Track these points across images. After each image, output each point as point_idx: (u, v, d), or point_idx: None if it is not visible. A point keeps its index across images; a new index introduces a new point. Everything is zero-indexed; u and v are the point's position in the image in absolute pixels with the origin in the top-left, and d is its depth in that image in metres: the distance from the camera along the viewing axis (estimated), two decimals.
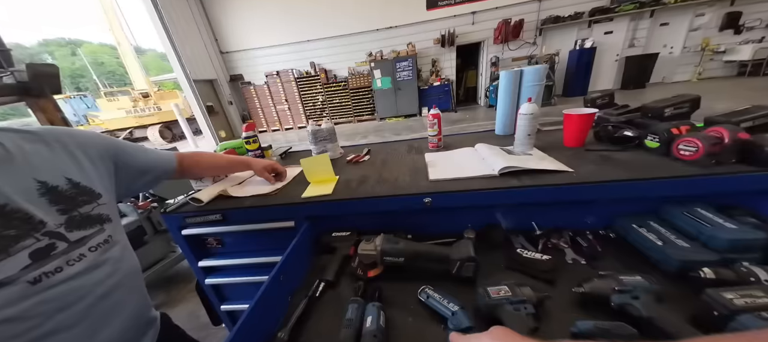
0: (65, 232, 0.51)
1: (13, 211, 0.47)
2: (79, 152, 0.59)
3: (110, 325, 0.55)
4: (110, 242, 0.57)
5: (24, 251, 0.46)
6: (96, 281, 0.53)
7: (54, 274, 0.48)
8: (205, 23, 7.49)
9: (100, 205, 0.57)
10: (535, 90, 1.03)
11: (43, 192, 0.51)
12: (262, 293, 0.59)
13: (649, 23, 6.66)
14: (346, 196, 0.86)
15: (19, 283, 0.45)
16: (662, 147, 0.73)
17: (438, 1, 6.95)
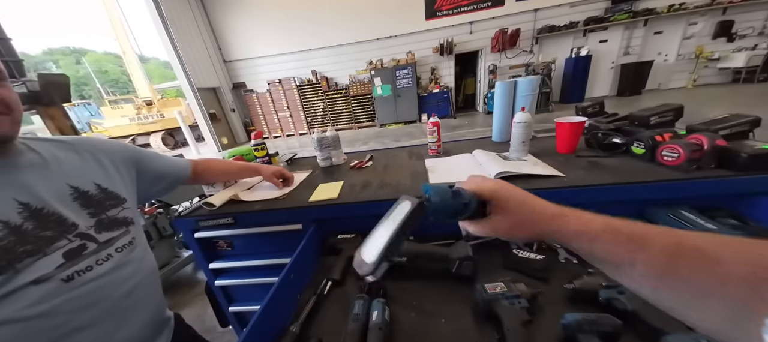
0: (95, 234, 0.55)
1: (49, 214, 0.51)
2: (106, 160, 0.64)
3: (131, 322, 0.58)
4: (133, 243, 0.61)
5: (58, 251, 0.50)
6: (121, 280, 0.57)
7: (85, 272, 0.51)
8: (209, 33, 7.66)
9: (125, 209, 0.62)
10: (528, 100, 1.09)
11: (75, 196, 0.55)
12: (275, 290, 0.63)
13: (643, 32, 6.81)
14: (351, 199, 0.90)
15: (53, 280, 0.48)
16: (647, 153, 0.78)
17: (436, 12, 7.13)
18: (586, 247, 0.31)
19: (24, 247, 0.46)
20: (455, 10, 7.06)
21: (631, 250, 0.27)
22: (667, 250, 0.25)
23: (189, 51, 6.84)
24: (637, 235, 0.27)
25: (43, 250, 0.48)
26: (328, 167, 1.30)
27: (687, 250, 0.24)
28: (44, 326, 0.46)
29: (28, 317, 0.45)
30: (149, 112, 10.12)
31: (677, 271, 0.24)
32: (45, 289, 0.47)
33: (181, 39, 6.62)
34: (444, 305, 0.65)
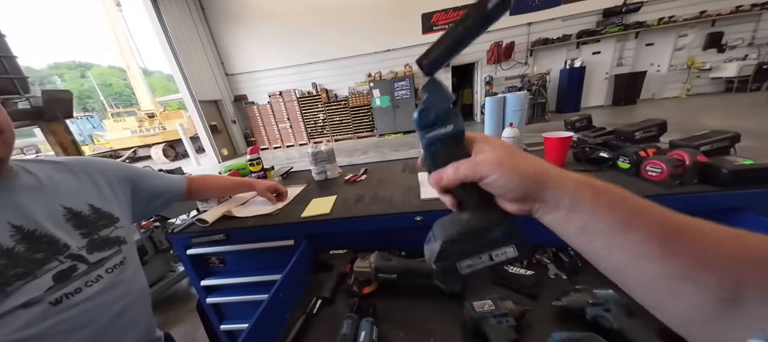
0: (86, 255, 0.55)
1: (41, 236, 0.51)
2: (102, 180, 0.65)
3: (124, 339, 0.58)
4: (125, 263, 0.61)
5: (49, 273, 0.50)
6: (111, 301, 0.57)
7: (74, 294, 0.52)
8: (212, 47, 7.84)
9: (118, 228, 0.63)
10: (517, 115, 1.11)
11: (68, 217, 0.56)
12: (263, 310, 0.63)
13: (634, 44, 6.98)
14: (343, 214, 0.91)
15: (43, 303, 0.48)
16: (633, 168, 0.80)
17: (432, 26, 7.33)
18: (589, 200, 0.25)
19: (15, 270, 0.46)
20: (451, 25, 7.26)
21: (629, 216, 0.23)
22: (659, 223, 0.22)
23: (192, 65, 6.98)
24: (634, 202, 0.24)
25: (34, 273, 0.48)
26: (323, 181, 1.31)
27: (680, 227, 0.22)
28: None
29: (17, 341, 0.45)
30: (151, 124, 10.22)
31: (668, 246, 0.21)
32: (34, 313, 0.47)
33: (184, 53, 6.78)
34: (433, 324, 0.65)
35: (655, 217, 0.23)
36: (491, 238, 0.30)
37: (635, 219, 0.23)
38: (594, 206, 0.25)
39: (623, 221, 0.23)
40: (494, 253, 0.30)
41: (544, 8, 6.93)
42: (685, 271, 0.20)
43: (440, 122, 0.29)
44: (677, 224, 0.22)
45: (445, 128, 0.29)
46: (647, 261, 0.22)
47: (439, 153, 0.30)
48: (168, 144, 9.88)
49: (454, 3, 7.07)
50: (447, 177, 0.29)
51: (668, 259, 0.21)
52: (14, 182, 0.53)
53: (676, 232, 0.22)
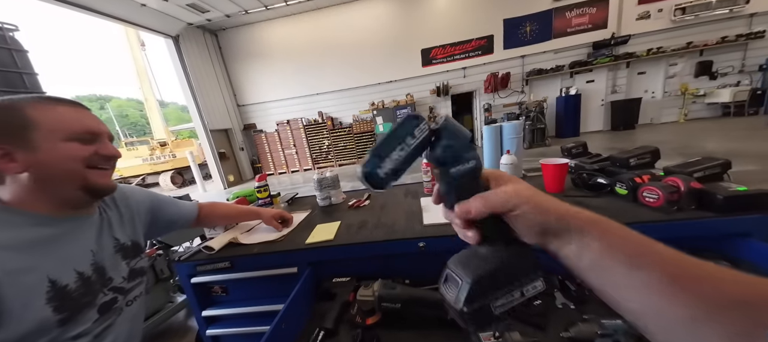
0: (126, 286, 0.59)
1: (100, 267, 0.55)
2: (135, 211, 0.69)
3: None
4: (140, 296, 0.64)
5: (98, 305, 0.53)
6: (130, 332, 0.60)
7: (109, 328, 0.54)
8: (226, 80, 8.36)
9: (142, 259, 0.66)
10: (513, 142, 1.16)
11: (118, 248, 0.60)
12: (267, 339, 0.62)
13: (626, 72, 7.28)
14: (347, 240, 0.92)
15: (89, 336, 0.51)
16: (630, 194, 0.82)
17: (432, 60, 7.78)
18: (597, 235, 0.26)
19: (86, 298, 0.50)
20: (448, 59, 7.72)
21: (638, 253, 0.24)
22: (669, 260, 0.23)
23: (206, 97, 7.40)
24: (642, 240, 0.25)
25: (93, 302, 0.52)
26: (327, 206, 1.33)
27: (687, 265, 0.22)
28: None
29: None
30: (162, 152, 10.53)
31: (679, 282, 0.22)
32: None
33: (200, 87, 7.22)
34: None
35: (663, 255, 0.24)
36: (523, 272, 0.28)
37: (643, 257, 0.24)
38: (602, 241, 0.25)
39: (631, 255, 0.24)
40: (525, 289, 0.28)
41: (536, 42, 7.37)
42: (701, 314, 0.20)
43: (464, 158, 0.29)
44: (687, 264, 0.23)
45: (468, 164, 0.29)
46: (660, 300, 0.22)
47: (463, 187, 0.30)
48: (176, 171, 10.08)
49: (451, 39, 7.57)
50: (476, 208, 0.29)
51: (683, 299, 0.21)
52: (91, 218, 0.58)
53: (687, 272, 0.22)
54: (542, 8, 7.13)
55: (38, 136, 0.48)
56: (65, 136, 0.50)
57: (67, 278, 0.49)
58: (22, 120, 0.48)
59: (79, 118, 0.53)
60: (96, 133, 0.54)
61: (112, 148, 0.56)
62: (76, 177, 0.52)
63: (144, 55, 10.81)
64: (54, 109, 0.51)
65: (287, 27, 7.90)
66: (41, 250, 0.49)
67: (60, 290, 0.47)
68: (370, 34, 7.76)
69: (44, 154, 0.48)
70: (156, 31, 6.30)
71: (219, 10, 6.47)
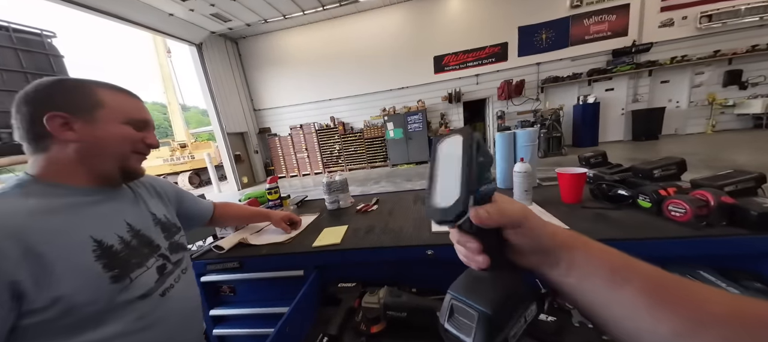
0: (170, 255, 0.65)
1: (143, 236, 0.61)
2: (163, 194, 0.77)
3: (193, 335, 0.67)
4: (188, 268, 0.72)
5: (154, 267, 0.59)
6: (189, 298, 0.68)
7: (170, 289, 0.61)
8: (245, 86, 8.69)
9: (182, 236, 0.73)
10: (527, 150, 1.12)
11: (155, 222, 0.67)
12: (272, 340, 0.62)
13: (649, 81, 6.99)
14: (354, 245, 0.91)
15: (154, 295, 0.57)
16: (654, 207, 0.77)
17: (444, 67, 7.77)
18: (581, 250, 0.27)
19: (134, 259, 0.56)
20: (461, 66, 7.68)
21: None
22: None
23: (225, 102, 7.71)
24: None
25: (145, 264, 0.58)
26: (336, 210, 1.33)
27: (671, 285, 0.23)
28: (147, 337, 0.55)
29: (136, 330, 0.53)
30: (182, 153, 10.98)
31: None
32: (149, 304, 0.56)
33: (220, 92, 7.53)
34: None
35: (646, 272, 0.24)
36: (525, 296, 0.27)
37: (626, 272, 0.24)
38: (586, 256, 0.26)
39: (614, 270, 0.25)
40: (526, 314, 0.27)
41: (552, 50, 7.22)
42: (687, 331, 0.20)
43: (488, 178, 0.29)
44: (671, 282, 0.23)
45: (491, 184, 0.29)
46: (645, 317, 0.22)
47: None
48: (194, 171, 10.47)
49: (464, 46, 7.55)
50: (490, 216, 0.28)
51: (667, 316, 0.21)
52: (123, 192, 0.65)
53: (671, 289, 0.23)
54: (559, 15, 7.00)
55: (102, 114, 0.54)
56: (124, 119, 0.57)
57: (110, 239, 0.54)
58: (91, 97, 0.54)
59: (137, 107, 0.61)
60: (146, 122, 0.62)
61: (155, 139, 0.64)
62: (121, 156, 0.58)
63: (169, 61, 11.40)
64: (119, 95, 0.58)
65: (303, 35, 8.15)
66: (82, 213, 0.52)
67: (107, 249, 0.52)
68: (383, 42, 7.87)
69: (101, 131, 0.54)
70: (181, 39, 6.65)
71: (240, 19, 6.77)
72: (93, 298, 0.47)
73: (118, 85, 0.61)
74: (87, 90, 0.55)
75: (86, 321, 0.47)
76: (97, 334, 0.48)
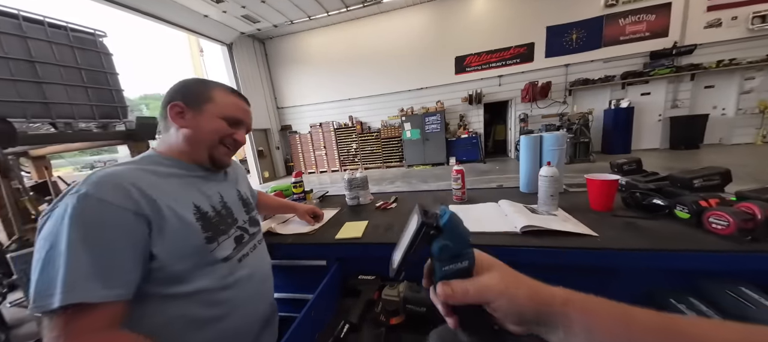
0: (248, 227, 0.74)
1: (228, 208, 0.71)
2: (241, 176, 0.88)
3: (262, 302, 0.75)
4: (262, 240, 0.81)
5: (233, 236, 0.68)
6: (262, 265, 0.77)
7: (246, 256, 0.70)
8: (269, 85, 9.07)
9: (256, 213, 0.83)
10: (554, 154, 1.09)
11: (238, 198, 0.76)
12: (295, 327, 0.66)
13: (690, 86, 6.45)
14: (374, 240, 0.94)
15: (233, 259, 0.66)
16: (693, 218, 0.73)
17: (465, 68, 7.62)
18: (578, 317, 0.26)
19: (221, 226, 0.65)
20: (484, 66, 7.50)
21: None
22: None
23: (251, 99, 8.01)
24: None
25: (227, 232, 0.67)
26: (356, 206, 1.37)
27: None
28: (231, 296, 0.64)
29: (218, 288, 0.61)
30: None
31: None
32: (228, 266, 0.64)
33: (247, 89, 7.93)
34: None
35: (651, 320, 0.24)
36: None
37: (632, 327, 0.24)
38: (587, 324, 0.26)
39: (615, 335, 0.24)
40: None
41: (582, 51, 6.86)
42: None
43: (458, 258, 0.31)
44: (677, 324, 0.23)
45: (461, 263, 0.31)
46: None
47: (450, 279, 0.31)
48: None
49: (487, 47, 7.36)
50: (455, 297, 0.30)
51: None
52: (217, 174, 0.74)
53: (679, 332, 0.23)
54: (592, 15, 6.63)
55: (209, 107, 0.64)
56: (222, 115, 0.66)
57: (206, 207, 0.64)
58: (205, 94, 0.65)
59: (237, 107, 0.69)
60: (239, 121, 0.70)
61: (243, 137, 0.71)
62: (210, 145, 0.66)
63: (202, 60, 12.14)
64: (228, 96, 0.68)
65: (326, 36, 8.34)
66: (186, 183, 0.64)
67: (203, 214, 0.62)
68: (404, 43, 7.87)
69: (202, 120, 0.64)
70: (214, 39, 7.06)
71: (268, 20, 7.06)
72: (189, 253, 0.57)
73: (233, 88, 0.71)
74: (206, 86, 0.66)
75: (176, 277, 0.56)
76: (184, 287, 0.56)
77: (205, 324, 0.59)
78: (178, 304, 0.56)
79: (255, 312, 0.71)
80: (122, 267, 0.47)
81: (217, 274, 0.61)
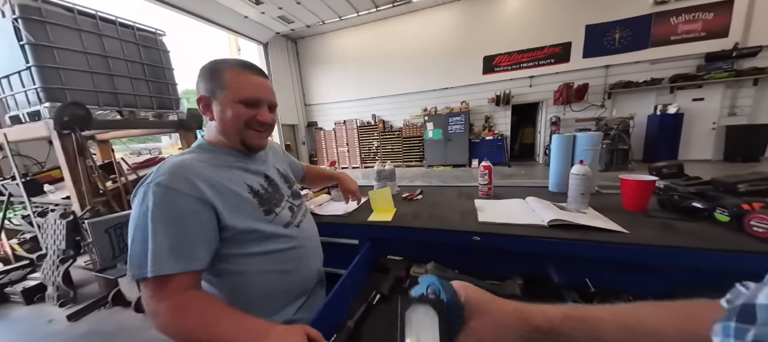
0: (292, 201, 0.81)
1: (275, 185, 0.78)
2: (281, 153, 0.96)
3: (316, 260, 0.84)
4: (307, 210, 0.89)
5: (286, 207, 0.77)
6: (314, 230, 0.86)
7: (301, 222, 0.80)
8: (299, 82, 9.50)
9: (297, 187, 0.91)
10: (588, 154, 1.08)
11: (279, 175, 0.83)
12: (337, 289, 0.75)
13: (752, 92, 5.74)
14: (403, 224, 1.01)
15: (293, 226, 0.75)
16: (733, 221, 0.71)
17: (494, 68, 7.40)
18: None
19: (273, 200, 0.73)
20: (514, 66, 7.23)
21: None
22: None
23: (282, 96, 8.57)
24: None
25: (280, 203, 0.75)
26: None
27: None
28: (296, 254, 0.74)
29: (289, 247, 0.72)
30: None
31: None
32: (292, 231, 0.74)
33: (278, 87, 8.39)
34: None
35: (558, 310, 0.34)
36: None
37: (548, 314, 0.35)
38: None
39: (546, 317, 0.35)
40: None
41: (626, 51, 6.38)
42: None
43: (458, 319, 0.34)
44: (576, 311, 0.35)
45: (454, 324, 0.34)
46: None
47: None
48: None
49: (519, 46, 7.09)
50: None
51: None
52: (258, 155, 0.80)
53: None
54: (639, 12, 6.12)
55: (224, 95, 0.65)
56: (238, 99, 0.65)
57: (256, 186, 0.71)
58: (220, 80, 0.65)
59: (252, 85, 0.67)
60: (257, 101, 0.68)
61: (266, 116, 0.70)
62: (238, 131, 0.68)
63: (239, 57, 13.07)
64: (240, 76, 0.66)
65: (354, 35, 8.54)
66: (233, 167, 0.69)
67: (256, 192, 0.69)
68: (431, 42, 7.82)
69: (223, 111, 0.66)
70: (252, 39, 7.55)
71: (302, 20, 7.40)
72: (253, 227, 0.65)
73: (243, 61, 0.69)
74: (217, 73, 0.65)
75: (250, 241, 0.66)
76: (262, 247, 0.67)
77: (278, 276, 0.70)
78: (254, 261, 0.66)
79: (313, 268, 0.81)
80: (192, 244, 0.56)
81: (286, 238, 0.71)
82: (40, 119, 2.06)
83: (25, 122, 2.15)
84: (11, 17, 1.85)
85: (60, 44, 2.00)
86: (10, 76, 2.09)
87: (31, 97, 2.05)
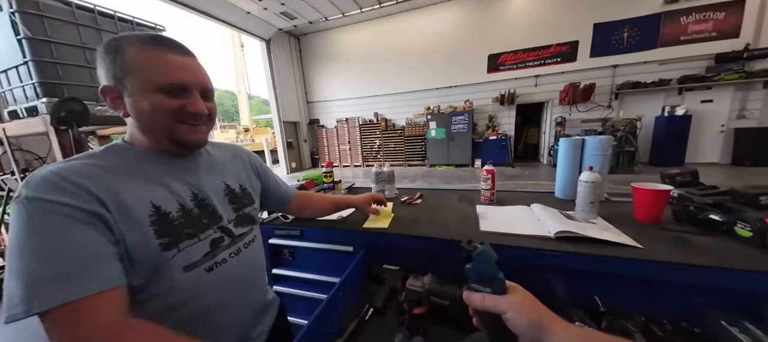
0: (232, 228, 0.61)
1: (207, 205, 0.58)
2: (249, 165, 0.75)
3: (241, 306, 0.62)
4: (254, 241, 0.67)
5: (208, 239, 0.55)
6: (244, 272, 0.62)
7: (220, 265, 0.56)
8: (301, 80, 9.47)
9: (254, 209, 0.70)
10: (598, 159, 1.03)
11: (226, 192, 0.63)
12: (329, 300, 0.71)
13: (763, 94, 5.58)
14: (400, 231, 0.97)
15: (199, 269, 0.53)
16: (756, 237, 0.65)
17: (499, 66, 7.29)
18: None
19: (187, 229, 0.52)
20: (519, 65, 7.12)
21: None
22: None
23: (284, 93, 8.56)
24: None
25: (198, 236, 0.54)
26: None
27: None
28: (187, 312, 0.52)
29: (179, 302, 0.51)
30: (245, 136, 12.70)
31: None
32: (192, 276, 0.52)
33: (281, 84, 8.37)
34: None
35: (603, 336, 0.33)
36: None
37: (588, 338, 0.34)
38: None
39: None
40: None
41: (635, 51, 6.24)
42: None
43: (484, 283, 0.42)
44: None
45: (485, 288, 0.42)
46: None
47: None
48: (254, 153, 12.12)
49: (525, 45, 6.97)
50: (474, 301, 0.42)
51: None
52: (198, 159, 0.62)
53: None
54: (649, 11, 5.97)
55: (134, 83, 0.48)
56: (154, 87, 0.48)
57: (169, 206, 0.51)
58: (123, 64, 0.48)
59: (171, 66, 0.50)
60: (182, 86, 0.51)
61: (199, 105, 0.52)
62: (164, 128, 0.51)
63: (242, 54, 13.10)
64: (154, 54, 0.49)
65: (357, 33, 8.45)
66: (151, 177, 0.52)
67: (163, 215, 0.50)
68: (435, 40, 7.72)
69: (138, 103, 0.49)
70: (255, 35, 7.51)
71: (304, 17, 7.34)
72: (142, 259, 0.47)
73: (153, 34, 0.51)
74: (120, 55, 0.48)
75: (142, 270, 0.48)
76: (139, 295, 0.48)
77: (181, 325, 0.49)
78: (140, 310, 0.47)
79: (235, 318, 0.60)
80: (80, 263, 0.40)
81: (173, 284, 0.49)
82: (37, 114, 2.04)
83: (23, 117, 2.14)
84: (8, 11, 1.82)
85: (58, 39, 1.97)
86: (8, 70, 2.07)
87: (29, 92, 2.03)
